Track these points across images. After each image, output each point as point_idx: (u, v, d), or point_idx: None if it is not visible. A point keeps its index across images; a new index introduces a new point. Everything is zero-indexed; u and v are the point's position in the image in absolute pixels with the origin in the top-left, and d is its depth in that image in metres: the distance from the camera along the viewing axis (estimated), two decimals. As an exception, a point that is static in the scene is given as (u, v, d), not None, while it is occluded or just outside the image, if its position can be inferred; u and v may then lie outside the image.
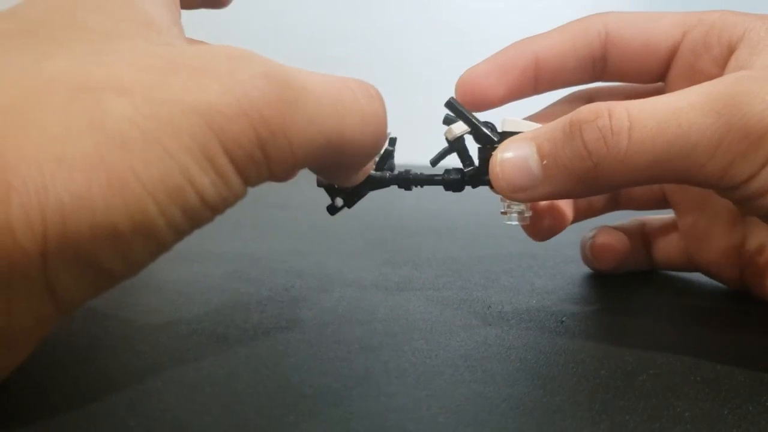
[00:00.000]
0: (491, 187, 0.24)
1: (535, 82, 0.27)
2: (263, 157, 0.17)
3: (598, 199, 0.32)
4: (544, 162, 0.21)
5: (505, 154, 0.22)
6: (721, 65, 0.24)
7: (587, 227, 0.33)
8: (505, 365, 0.21)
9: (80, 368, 0.20)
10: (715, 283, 0.31)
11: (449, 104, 0.25)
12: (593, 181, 0.21)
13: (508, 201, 0.24)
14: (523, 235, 0.29)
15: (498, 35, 0.28)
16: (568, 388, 0.19)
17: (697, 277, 0.32)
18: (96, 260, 0.15)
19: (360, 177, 0.23)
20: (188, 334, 0.23)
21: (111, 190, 0.14)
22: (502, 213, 0.25)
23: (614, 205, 0.33)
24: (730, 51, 0.24)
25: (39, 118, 0.14)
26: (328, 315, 0.26)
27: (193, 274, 0.32)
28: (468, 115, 0.24)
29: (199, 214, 0.16)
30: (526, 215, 0.25)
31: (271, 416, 0.17)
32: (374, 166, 0.24)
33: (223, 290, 0.29)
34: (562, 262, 0.35)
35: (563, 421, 0.17)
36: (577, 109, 0.21)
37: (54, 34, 0.17)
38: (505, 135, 0.24)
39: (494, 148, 0.23)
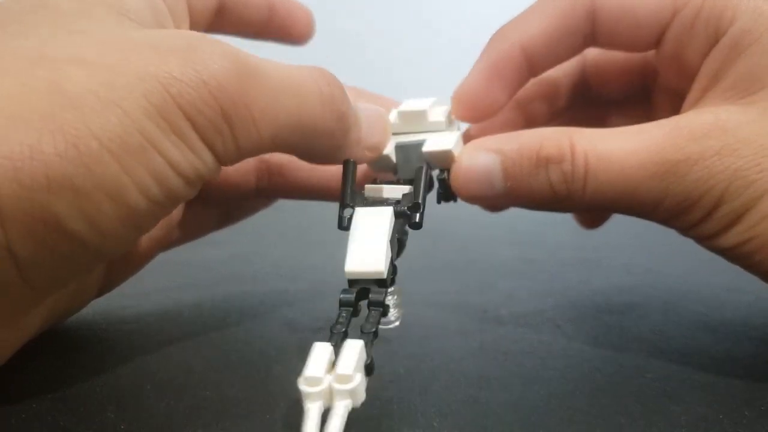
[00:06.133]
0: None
1: (530, 73, 0.27)
2: (228, 128, 0.17)
3: (556, 104, 0.30)
4: (509, 183, 0.22)
5: (470, 163, 0.22)
6: (704, 56, 0.23)
7: (594, 233, 0.32)
8: (500, 370, 0.21)
9: (69, 370, 0.20)
10: (712, 287, 0.31)
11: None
12: (554, 208, 0.22)
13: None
14: (519, 239, 0.29)
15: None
16: (564, 392, 0.19)
17: (695, 282, 0.32)
18: (56, 218, 0.15)
19: (366, 152, 0.22)
20: (179, 337, 0.23)
21: (65, 144, 0.15)
22: None
23: (582, 95, 0.30)
24: (716, 42, 0.23)
25: None
26: (321, 320, 0.25)
27: (184, 277, 0.31)
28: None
29: (171, 181, 0.16)
30: (396, 319, 0.21)
31: (263, 421, 0.17)
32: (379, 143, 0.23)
33: (215, 294, 0.29)
34: (558, 266, 0.35)
35: (559, 425, 0.17)
36: (544, 138, 0.22)
37: (24, 18, 0.17)
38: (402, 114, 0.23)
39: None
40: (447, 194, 0.24)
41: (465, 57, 0.27)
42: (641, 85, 0.29)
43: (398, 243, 0.20)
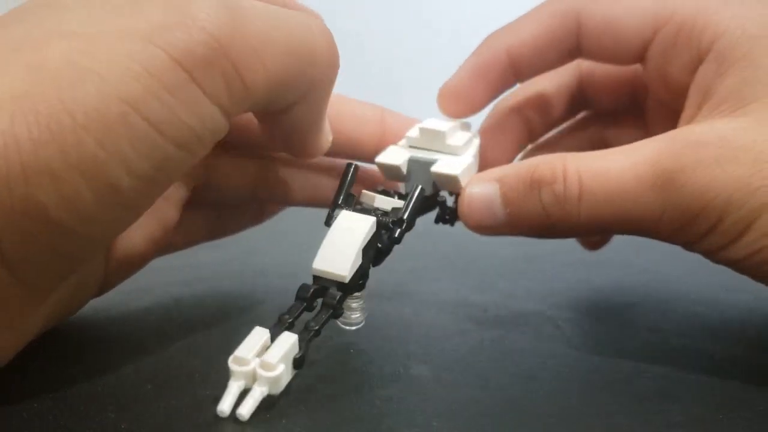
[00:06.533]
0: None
1: (514, 77, 0.27)
2: (232, 67, 0.16)
3: (554, 111, 0.31)
4: (508, 210, 0.22)
5: (473, 192, 0.23)
6: (691, 72, 0.24)
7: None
8: (500, 370, 0.21)
9: (69, 370, 0.20)
10: (711, 287, 0.31)
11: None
12: (552, 232, 0.22)
13: (345, 310, 0.22)
14: (519, 239, 0.29)
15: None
16: (563, 392, 0.19)
17: (694, 282, 0.32)
18: (37, 208, 0.14)
19: (320, 142, 0.22)
20: (180, 337, 0.23)
21: (38, 126, 0.14)
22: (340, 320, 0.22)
23: (575, 110, 0.31)
24: (699, 60, 0.23)
25: None
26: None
27: (185, 276, 0.31)
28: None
29: (160, 150, 0.15)
30: (359, 322, 0.22)
31: (264, 419, 0.17)
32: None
33: (216, 294, 0.29)
34: (559, 266, 0.35)
35: (557, 425, 0.17)
36: (539, 162, 0.22)
37: (28, 17, 0.17)
38: (423, 131, 0.24)
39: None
40: (444, 217, 0.25)
41: (464, 57, 0.28)
42: (635, 97, 0.29)
43: (377, 252, 0.21)
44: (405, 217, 0.21)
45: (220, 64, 0.15)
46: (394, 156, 0.24)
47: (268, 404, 0.17)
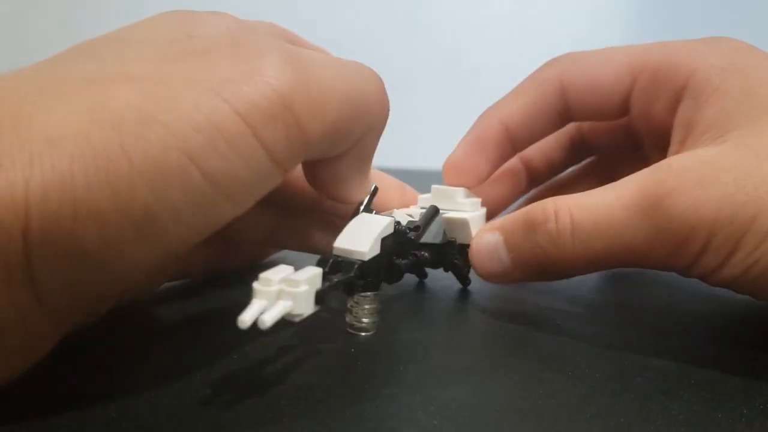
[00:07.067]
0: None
1: (512, 148, 0.29)
2: (294, 120, 0.16)
3: (554, 153, 0.33)
4: (512, 255, 0.23)
5: (480, 243, 0.24)
6: (672, 112, 0.25)
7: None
8: (499, 369, 0.21)
9: (71, 369, 0.20)
10: (711, 287, 0.31)
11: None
12: (554, 271, 0.23)
13: (355, 313, 0.23)
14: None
15: (491, 40, 0.28)
16: (563, 390, 0.19)
17: (694, 280, 0.32)
18: (81, 247, 0.14)
19: (358, 187, 0.23)
20: (183, 336, 0.23)
21: (95, 169, 0.14)
22: (349, 324, 0.23)
23: (578, 154, 0.33)
24: (677, 100, 0.24)
25: (48, 105, 0.15)
26: (323, 320, 0.26)
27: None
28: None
29: (210, 201, 0.15)
30: (369, 329, 0.23)
31: (265, 418, 0.17)
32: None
33: (219, 292, 0.29)
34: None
35: (558, 423, 0.17)
36: (533, 206, 0.23)
37: (100, 49, 0.17)
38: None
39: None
40: (460, 280, 0.29)
41: (465, 59, 0.28)
42: (634, 139, 0.30)
43: (394, 267, 0.23)
44: (420, 224, 0.23)
45: (283, 118, 0.16)
46: (408, 211, 0.27)
47: (285, 331, 0.18)
